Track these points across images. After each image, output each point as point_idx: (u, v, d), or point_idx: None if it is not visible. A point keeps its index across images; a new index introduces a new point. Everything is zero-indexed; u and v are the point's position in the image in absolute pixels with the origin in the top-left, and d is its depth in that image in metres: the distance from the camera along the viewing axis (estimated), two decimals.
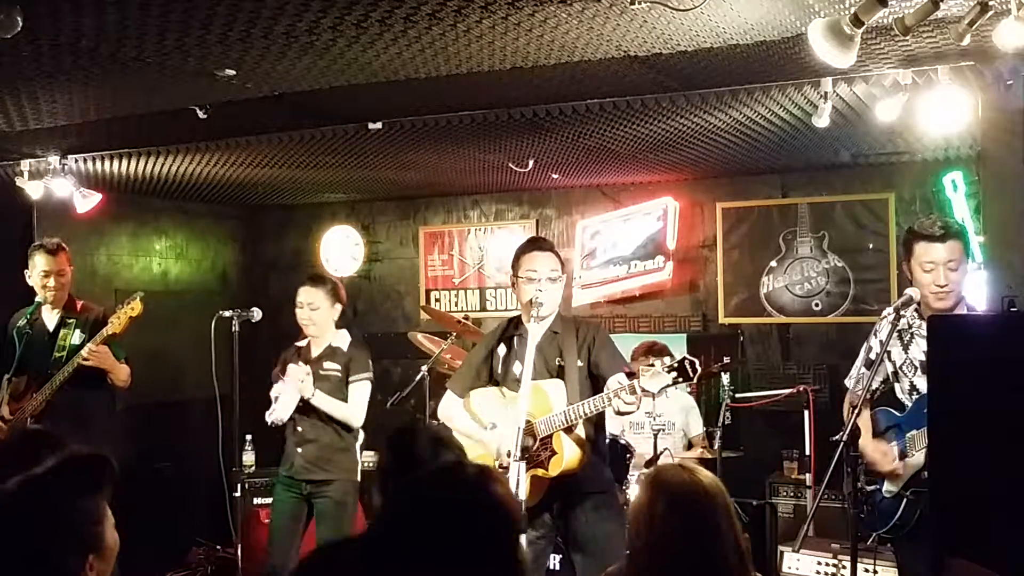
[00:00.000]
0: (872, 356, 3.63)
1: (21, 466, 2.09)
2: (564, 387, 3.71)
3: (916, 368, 3.54)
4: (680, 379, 3.37)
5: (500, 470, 3.72)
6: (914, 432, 3.46)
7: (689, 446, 5.54)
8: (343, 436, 4.57)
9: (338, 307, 4.69)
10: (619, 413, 3.52)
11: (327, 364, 4.61)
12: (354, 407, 4.58)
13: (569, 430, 3.63)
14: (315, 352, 4.67)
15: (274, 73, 3.61)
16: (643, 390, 3.39)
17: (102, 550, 1.98)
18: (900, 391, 3.62)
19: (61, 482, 1.97)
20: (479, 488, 1.72)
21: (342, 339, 4.70)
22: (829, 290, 6.03)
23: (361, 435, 4.68)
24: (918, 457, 3.43)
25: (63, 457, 2.05)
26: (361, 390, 4.61)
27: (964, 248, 3.45)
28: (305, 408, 4.52)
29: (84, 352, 4.63)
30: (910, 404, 3.56)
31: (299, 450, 4.55)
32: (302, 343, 4.76)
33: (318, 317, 4.62)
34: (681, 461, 2.36)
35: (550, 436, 3.63)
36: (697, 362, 3.36)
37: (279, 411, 4.54)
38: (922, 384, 3.51)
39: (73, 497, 1.94)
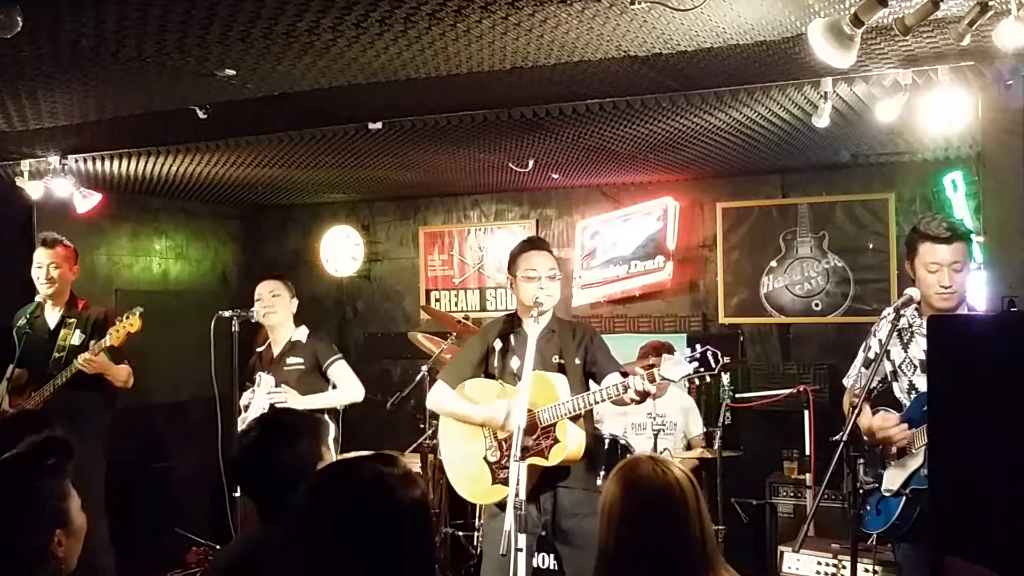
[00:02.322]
0: (871, 355, 3.64)
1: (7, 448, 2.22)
2: (567, 382, 3.74)
3: (915, 367, 3.54)
4: (702, 369, 3.35)
5: (501, 470, 3.73)
6: (914, 430, 3.46)
7: (689, 446, 5.54)
8: None
9: (295, 302, 4.87)
10: (639, 396, 3.48)
11: (289, 359, 4.73)
12: (346, 386, 4.71)
13: (575, 419, 3.64)
14: (276, 351, 4.80)
15: (274, 73, 3.61)
16: (663, 378, 3.39)
17: (68, 525, 2.09)
18: (898, 390, 3.62)
19: (23, 464, 2.11)
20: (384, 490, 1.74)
21: (300, 333, 4.84)
22: (829, 290, 6.03)
23: (332, 429, 4.73)
24: (918, 456, 3.43)
25: (24, 444, 2.18)
26: (342, 368, 4.74)
27: (969, 250, 3.46)
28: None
29: (80, 361, 4.64)
30: (908, 403, 3.56)
31: None
32: (261, 348, 4.89)
33: (279, 304, 4.79)
34: (652, 455, 2.36)
35: (553, 425, 3.64)
36: (720, 353, 3.34)
37: (252, 415, 4.60)
38: (921, 383, 3.51)
39: (35, 477, 2.08)
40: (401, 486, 1.73)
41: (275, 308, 4.79)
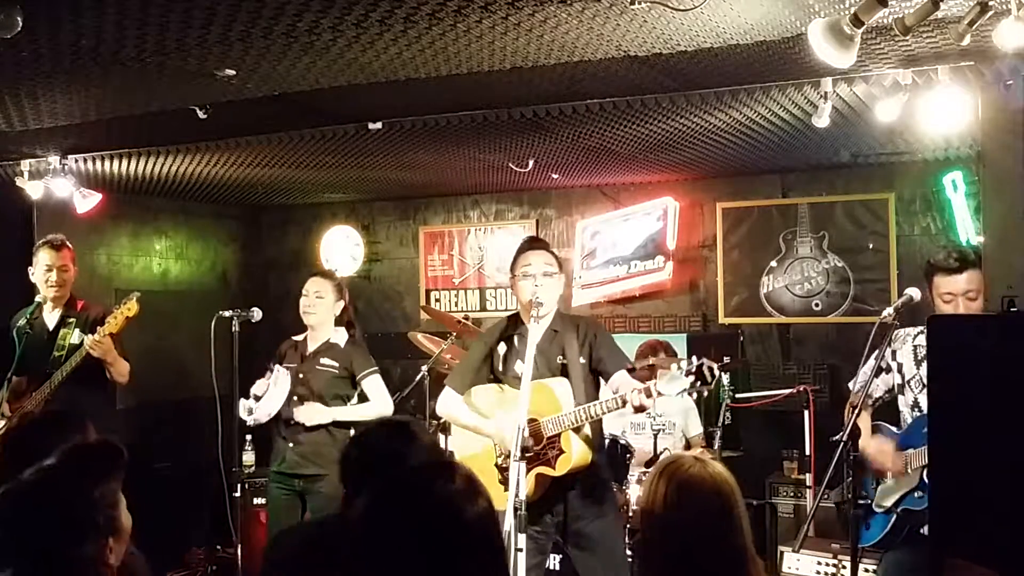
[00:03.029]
0: (883, 365, 3.60)
1: (40, 447, 2.19)
2: (570, 385, 3.72)
3: (924, 386, 3.51)
4: (698, 382, 3.33)
5: (503, 464, 3.73)
6: (911, 451, 3.44)
7: (687, 446, 5.53)
8: (334, 433, 4.59)
9: (340, 304, 4.74)
10: (636, 410, 3.47)
11: (324, 360, 4.65)
12: (378, 401, 4.64)
13: (577, 429, 3.64)
14: (312, 347, 4.71)
15: (274, 73, 3.61)
16: (659, 393, 3.39)
17: (119, 532, 2.05)
18: (903, 404, 3.60)
19: (77, 471, 2.05)
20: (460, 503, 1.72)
21: (339, 336, 4.74)
22: (829, 290, 6.04)
23: (352, 432, 4.69)
24: (912, 477, 3.42)
25: (75, 446, 2.13)
26: (376, 383, 4.66)
27: (982, 274, 3.43)
28: (304, 402, 4.56)
29: (88, 341, 4.62)
30: (911, 419, 3.54)
31: (291, 445, 4.58)
32: (299, 337, 4.79)
33: (321, 307, 4.67)
34: (695, 454, 2.34)
35: (558, 435, 3.63)
36: (716, 366, 3.33)
37: (264, 408, 4.54)
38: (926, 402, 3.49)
39: (89, 485, 2.02)
40: (468, 502, 1.72)
41: (315, 310, 4.68)
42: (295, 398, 4.56)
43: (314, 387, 4.59)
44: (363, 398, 4.73)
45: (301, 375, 4.63)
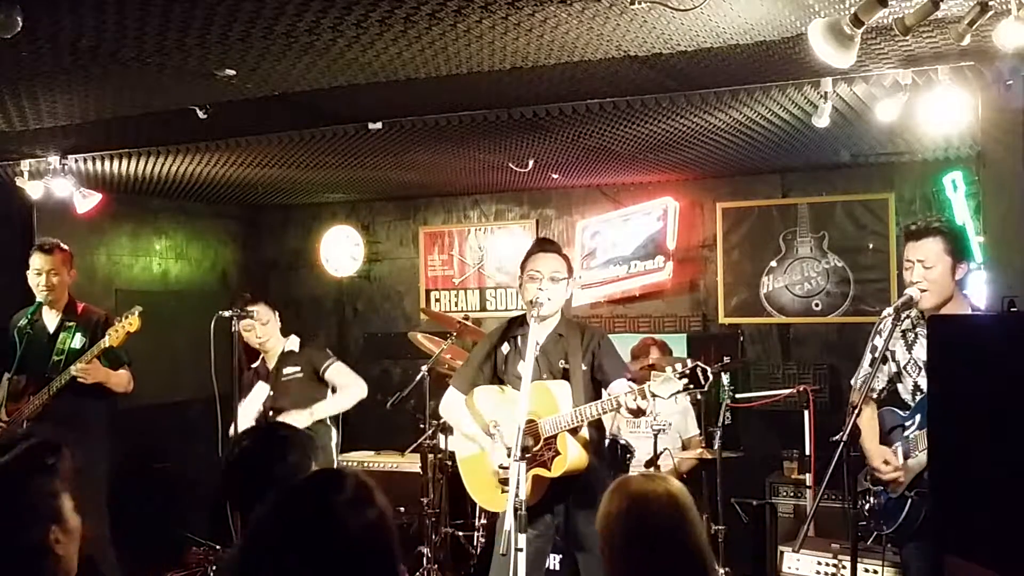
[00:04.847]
0: (876, 356, 3.63)
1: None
2: (570, 389, 3.72)
3: (920, 368, 3.53)
4: (691, 385, 3.37)
5: (501, 470, 3.73)
6: (918, 432, 3.46)
7: (684, 447, 5.53)
8: (319, 434, 4.72)
9: (277, 314, 4.87)
10: (632, 413, 3.51)
11: (287, 369, 4.79)
12: (348, 386, 4.76)
13: (574, 431, 3.64)
14: (272, 364, 4.83)
15: (274, 73, 3.61)
16: (652, 395, 3.41)
17: (63, 521, 2.15)
18: (903, 391, 3.62)
19: (15, 464, 2.20)
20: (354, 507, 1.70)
21: (292, 343, 4.87)
22: (829, 290, 6.04)
23: (333, 433, 4.81)
24: (921, 457, 3.43)
25: (22, 447, 2.28)
26: (339, 369, 4.79)
27: (947, 247, 3.42)
28: (283, 413, 4.63)
29: (75, 371, 4.62)
30: (914, 404, 3.56)
31: None
32: (256, 364, 4.90)
33: (270, 329, 4.81)
34: (644, 471, 2.41)
35: (554, 436, 3.64)
36: (709, 369, 3.37)
37: (242, 417, 4.62)
38: (926, 384, 3.50)
39: (28, 476, 2.17)
40: (351, 514, 1.68)
41: (269, 335, 4.82)
42: (271, 412, 4.66)
43: (289, 398, 4.70)
44: (336, 391, 4.82)
45: (273, 392, 4.75)
